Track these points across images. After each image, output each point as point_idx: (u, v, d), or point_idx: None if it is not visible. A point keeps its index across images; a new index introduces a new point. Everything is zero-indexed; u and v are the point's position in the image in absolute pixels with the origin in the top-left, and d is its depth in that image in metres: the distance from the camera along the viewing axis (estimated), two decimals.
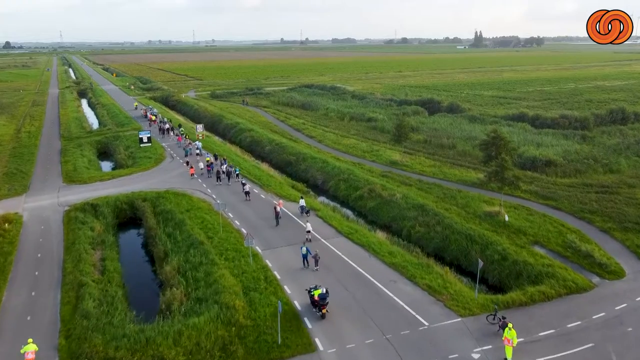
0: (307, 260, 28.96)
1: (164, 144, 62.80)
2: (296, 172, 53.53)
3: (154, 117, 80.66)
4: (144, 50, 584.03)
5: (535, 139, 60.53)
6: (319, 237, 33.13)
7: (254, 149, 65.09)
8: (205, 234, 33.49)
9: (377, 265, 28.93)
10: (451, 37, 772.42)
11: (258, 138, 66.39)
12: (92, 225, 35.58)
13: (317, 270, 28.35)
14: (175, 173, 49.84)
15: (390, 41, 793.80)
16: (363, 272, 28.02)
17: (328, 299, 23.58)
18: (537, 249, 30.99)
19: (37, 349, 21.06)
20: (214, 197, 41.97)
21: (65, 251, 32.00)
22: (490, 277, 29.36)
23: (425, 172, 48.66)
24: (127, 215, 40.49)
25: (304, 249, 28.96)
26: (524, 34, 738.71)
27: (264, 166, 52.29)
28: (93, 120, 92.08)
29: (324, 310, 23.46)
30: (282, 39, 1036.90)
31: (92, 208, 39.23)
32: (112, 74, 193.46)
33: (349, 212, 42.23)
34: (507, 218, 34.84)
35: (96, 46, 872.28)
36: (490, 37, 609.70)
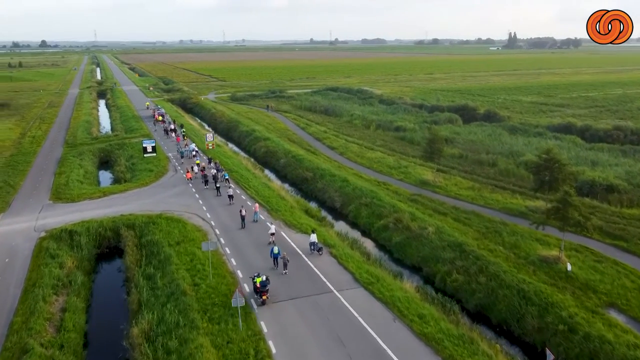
0: (277, 261, 28.68)
1: (169, 154, 57.16)
2: (312, 191, 47.02)
3: (160, 118, 79.12)
4: (173, 50, 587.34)
5: (588, 155, 52.69)
6: (331, 286, 26.52)
7: (268, 160, 58.88)
8: (191, 278, 27.29)
9: (404, 337, 22.09)
10: (483, 38, 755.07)
11: (273, 149, 60.12)
12: (62, 261, 29.81)
13: (285, 273, 27.91)
14: (175, 190, 43.94)
15: (420, 42, 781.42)
16: (386, 348, 21.22)
17: (268, 287, 25.00)
18: (615, 316, 23.72)
19: None
20: (213, 223, 35.82)
21: (22, 297, 26.28)
22: (555, 354, 22.26)
23: (461, 196, 41.52)
24: (111, 245, 34.72)
25: (276, 248, 28.87)
26: (558, 34, 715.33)
27: (275, 185, 45.75)
28: (106, 123, 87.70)
29: (264, 297, 24.83)
30: (311, 39, 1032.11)
31: (69, 236, 33.57)
32: (135, 74, 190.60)
33: (369, 244, 35.61)
34: (569, 267, 27.59)
35: (129, 45, 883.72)
36: (524, 38, 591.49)
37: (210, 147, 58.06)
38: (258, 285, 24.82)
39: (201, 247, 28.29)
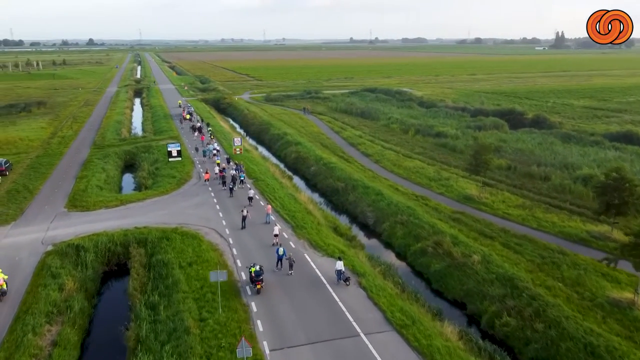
0: (281, 262, 28.32)
1: (195, 158, 54.44)
2: (343, 204, 43.19)
3: (188, 116, 79.22)
4: (214, 49, 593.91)
5: None
6: (357, 328, 22.65)
7: (299, 167, 55.36)
8: (198, 310, 23.96)
9: None
10: (529, 37, 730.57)
11: (304, 154, 56.53)
12: (62, 282, 27.00)
13: (291, 274, 27.67)
14: (195, 201, 40.95)
15: (462, 41, 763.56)
16: None
17: (262, 276, 25.67)
18: None
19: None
20: (230, 241, 32.49)
21: (12, 326, 23.55)
22: None
23: (511, 216, 36.82)
24: (121, 261, 31.87)
25: (282, 249, 28.38)
26: None
27: (303, 196, 42.02)
28: (137, 123, 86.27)
29: (259, 286, 25.66)
30: (351, 39, 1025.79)
31: (75, 251, 30.91)
32: (172, 73, 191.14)
33: (404, 269, 31.59)
34: None
35: (172, 44, 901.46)
36: (573, 38, 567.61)
37: (238, 152, 54.98)
38: (253, 274, 25.78)
39: (212, 274, 24.90)
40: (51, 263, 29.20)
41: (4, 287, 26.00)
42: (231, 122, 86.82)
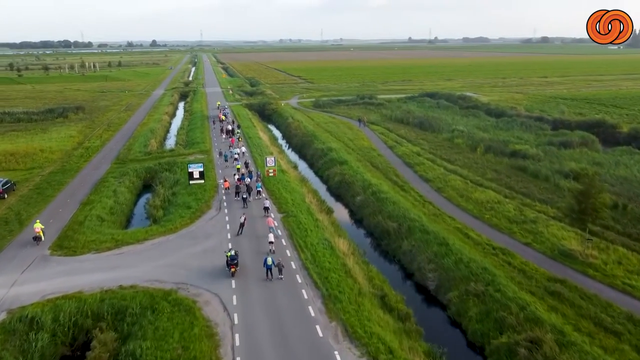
0: (271, 272, 27.02)
1: (220, 180, 46.18)
2: (394, 252, 33.33)
3: (224, 117, 76.55)
4: (271, 49, 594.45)
5: None
6: None
7: (343, 194, 45.92)
8: None
9: None
10: None
11: (350, 177, 46.95)
12: None
13: (281, 278, 26.82)
14: (206, 245, 32.33)
15: (528, 40, 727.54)
16: None
17: (237, 260, 27.32)
18: None
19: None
20: (235, 321, 23.53)
21: None
22: None
23: (636, 289, 25.78)
24: (89, 339, 23.56)
25: (269, 259, 26.99)
26: None
27: (343, 245, 32.21)
28: (173, 132, 79.56)
29: (232, 269, 27.26)
30: (409, 38, 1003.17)
31: (27, 327, 22.98)
32: (222, 75, 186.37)
33: None
34: None
35: (232, 44, 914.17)
36: None
37: (271, 174, 46.28)
38: (228, 258, 27.47)
39: None
40: None
41: (41, 234, 32.74)
42: (274, 132, 78.35)
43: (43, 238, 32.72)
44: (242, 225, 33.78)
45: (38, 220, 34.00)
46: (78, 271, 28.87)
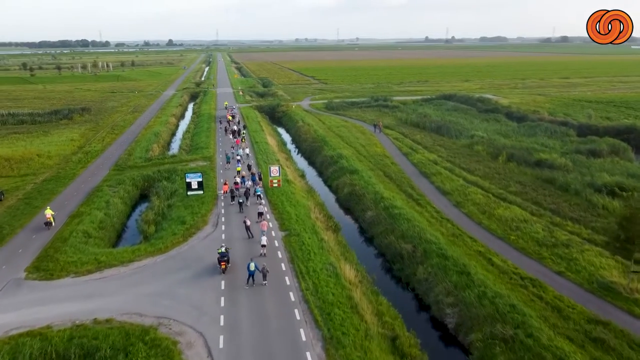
0: (253, 278, 26.19)
1: (219, 191, 42.88)
2: (408, 279, 29.64)
3: (231, 117, 76.68)
4: (286, 48, 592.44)
5: None
6: None
7: (352, 207, 42.29)
8: None
9: None
10: None
11: (360, 189, 43.28)
12: None
13: (265, 284, 26.09)
14: (196, 269, 28.92)
15: (547, 40, 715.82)
16: None
17: (227, 257, 27.57)
18: None
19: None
20: None
21: None
22: None
23: None
24: None
25: (252, 264, 26.22)
26: None
27: (350, 273, 28.51)
28: (178, 136, 76.61)
29: (222, 266, 27.48)
30: (426, 37, 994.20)
31: None
32: (234, 75, 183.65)
33: None
34: None
35: (248, 44, 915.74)
36: None
37: (276, 184, 42.90)
38: (219, 255, 27.82)
39: None
40: None
41: (52, 220, 35.32)
42: (283, 136, 74.87)
43: (53, 224, 35.43)
44: (248, 228, 33.08)
45: (49, 207, 36.94)
46: (51, 300, 25.74)
